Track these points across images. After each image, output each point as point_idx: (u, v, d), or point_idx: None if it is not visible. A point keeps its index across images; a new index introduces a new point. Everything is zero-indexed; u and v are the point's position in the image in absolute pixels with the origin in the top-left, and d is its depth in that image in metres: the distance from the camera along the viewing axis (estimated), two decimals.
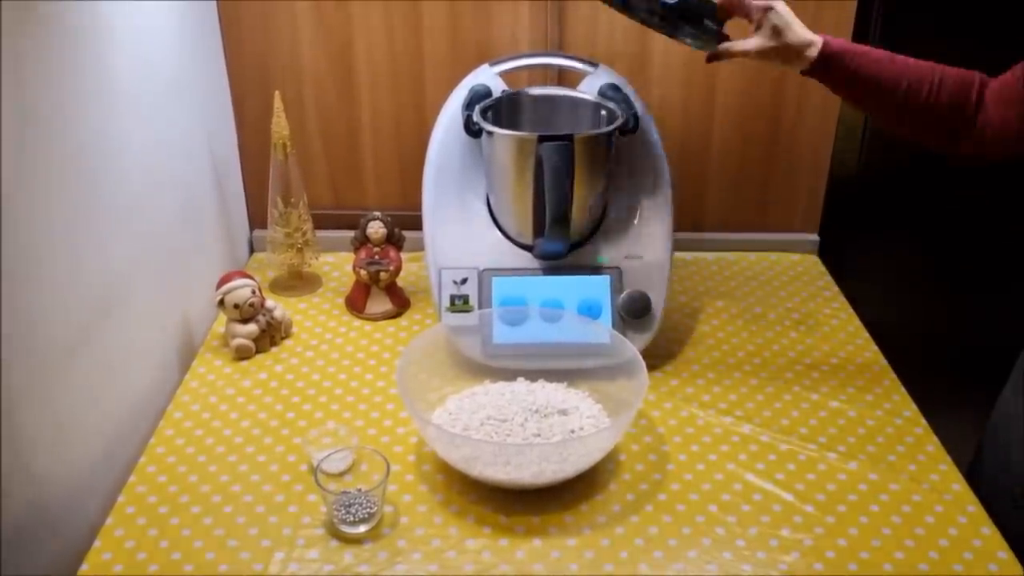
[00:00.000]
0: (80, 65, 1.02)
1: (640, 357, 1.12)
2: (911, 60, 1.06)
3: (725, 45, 1.13)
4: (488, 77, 1.32)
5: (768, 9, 1.09)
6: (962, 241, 1.83)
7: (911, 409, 1.22)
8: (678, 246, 1.36)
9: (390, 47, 1.49)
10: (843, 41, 1.08)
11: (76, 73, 1.01)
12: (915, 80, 1.05)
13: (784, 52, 1.09)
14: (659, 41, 1.49)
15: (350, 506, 1.00)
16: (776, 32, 1.08)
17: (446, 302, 1.25)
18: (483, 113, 1.24)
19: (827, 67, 1.08)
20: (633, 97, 1.29)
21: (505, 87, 1.32)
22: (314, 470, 1.03)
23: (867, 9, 1.50)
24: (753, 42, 1.10)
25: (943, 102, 1.04)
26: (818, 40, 1.08)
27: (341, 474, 1.07)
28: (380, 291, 1.41)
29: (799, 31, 1.08)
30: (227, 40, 1.48)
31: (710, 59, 1.14)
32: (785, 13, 1.09)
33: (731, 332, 1.39)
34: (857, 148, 1.72)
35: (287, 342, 1.35)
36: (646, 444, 1.15)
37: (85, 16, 1.03)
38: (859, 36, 1.50)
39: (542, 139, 1.14)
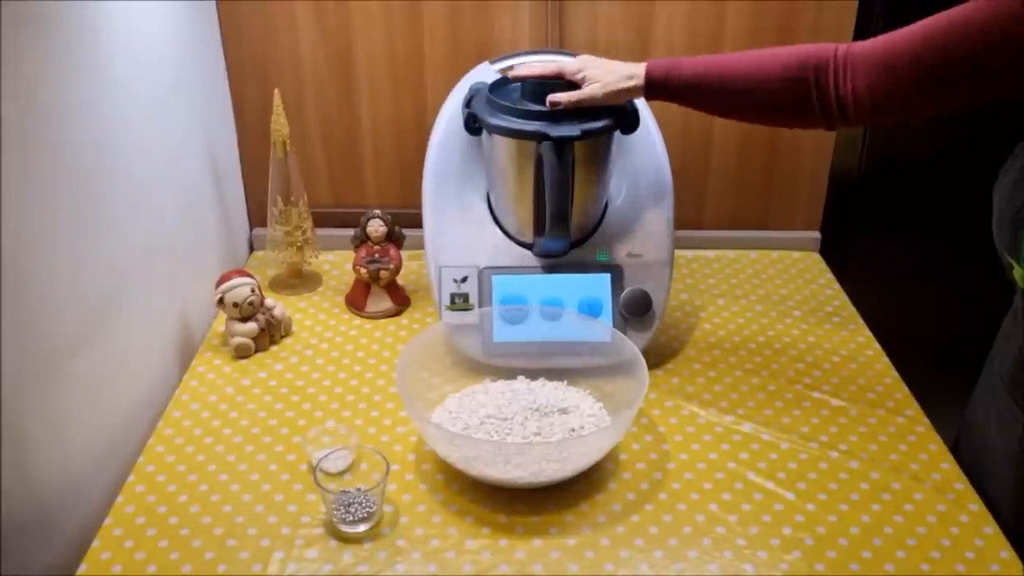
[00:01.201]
0: (80, 64, 1.02)
1: (641, 355, 1.11)
2: (744, 58, 1.06)
3: (554, 97, 1.16)
4: (488, 75, 1.31)
5: (583, 80, 1.14)
6: (965, 238, 1.82)
7: (913, 407, 1.21)
8: (679, 244, 1.36)
9: (390, 45, 1.49)
10: (668, 63, 1.09)
11: (76, 72, 1.01)
12: (751, 79, 1.04)
13: (614, 97, 1.13)
14: (660, 38, 1.49)
15: (350, 505, 1.00)
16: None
17: (446, 300, 1.25)
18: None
19: (659, 93, 1.10)
20: None
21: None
22: (313, 469, 1.03)
23: (868, 9, 1.50)
24: (584, 92, 1.15)
25: (786, 90, 1.03)
26: (640, 73, 1.10)
27: (341, 473, 1.06)
28: (380, 289, 1.41)
29: (617, 75, 1.12)
30: (226, 38, 1.48)
31: (551, 105, 1.16)
32: (594, 76, 1.13)
33: (732, 330, 1.39)
34: (859, 145, 1.71)
35: (287, 341, 1.35)
36: (647, 443, 1.14)
37: (85, 16, 1.02)
38: (860, 37, 1.49)
39: (542, 138, 1.14)
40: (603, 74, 1.13)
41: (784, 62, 1.03)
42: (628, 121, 1.21)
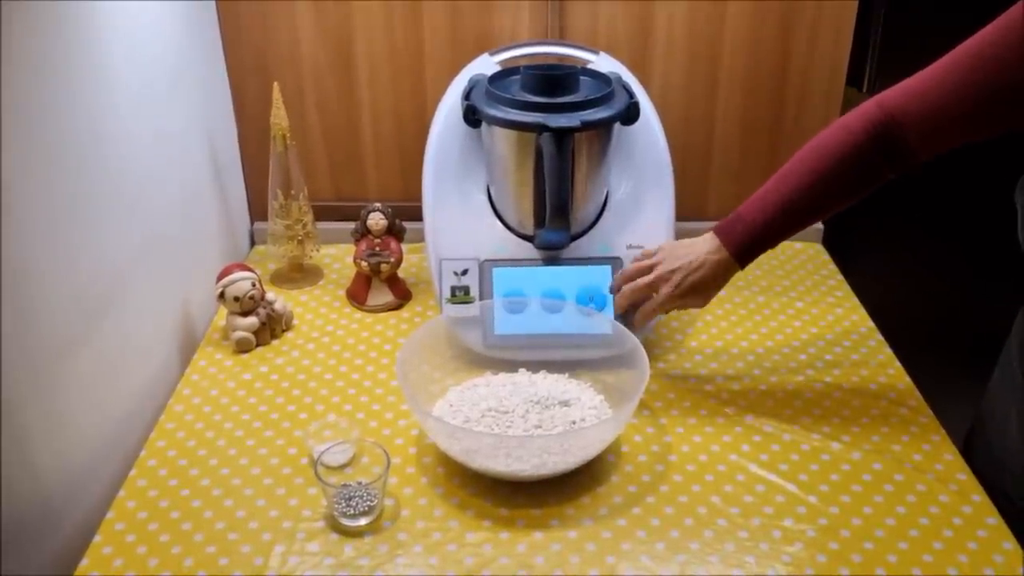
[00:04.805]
0: (79, 59, 1.01)
1: (642, 347, 1.11)
2: (804, 176, 1.06)
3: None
4: (488, 66, 1.31)
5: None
6: (969, 230, 1.81)
7: (916, 398, 1.21)
8: (680, 234, 1.34)
9: (390, 37, 1.48)
10: (740, 230, 1.10)
11: (75, 67, 1.00)
12: (817, 187, 1.05)
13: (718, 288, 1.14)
14: (661, 30, 1.48)
15: (350, 499, 1.00)
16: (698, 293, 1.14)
17: (447, 293, 1.25)
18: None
19: (754, 253, 1.12)
20: (634, 85, 1.28)
21: None
22: (314, 463, 1.03)
23: (868, 9, 1.49)
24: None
25: (854, 177, 1.05)
26: (725, 256, 1.11)
27: (342, 467, 1.06)
28: (381, 283, 1.41)
29: (714, 286, 1.13)
30: (226, 32, 1.47)
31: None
32: (689, 291, 1.13)
33: (734, 322, 1.38)
34: None
35: (288, 335, 1.35)
36: (648, 435, 1.14)
37: (84, 13, 1.02)
38: (860, 36, 1.48)
39: (542, 129, 1.13)
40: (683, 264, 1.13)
41: (843, 159, 1.03)
42: (628, 112, 1.21)
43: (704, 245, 1.13)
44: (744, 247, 1.10)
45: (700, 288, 1.13)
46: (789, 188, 1.07)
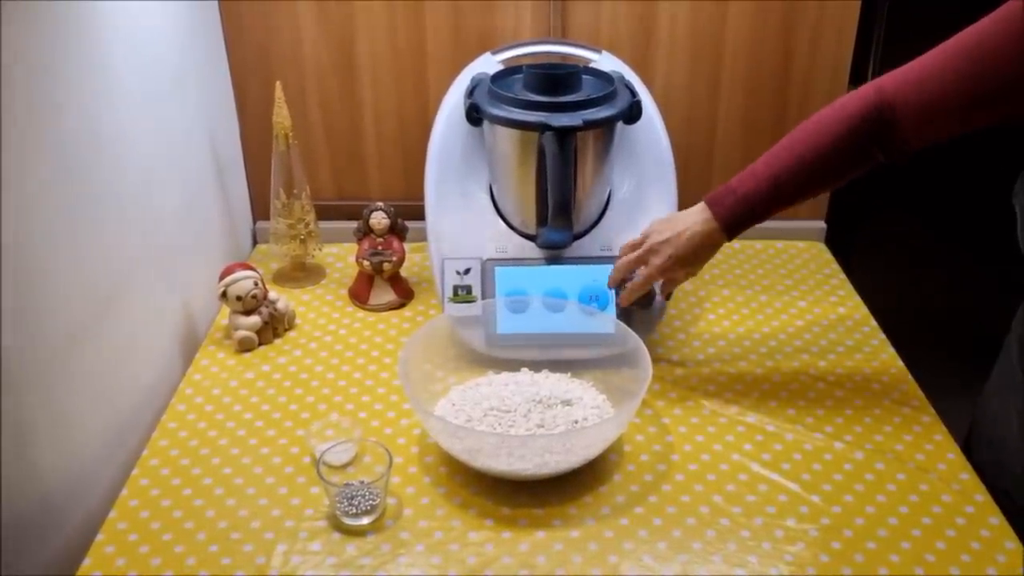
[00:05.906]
0: (81, 58, 1.01)
1: (644, 347, 1.11)
2: (798, 152, 1.06)
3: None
4: (490, 65, 1.31)
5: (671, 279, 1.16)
6: (970, 229, 1.81)
7: (919, 398, 1.20)
8: None
9: (392, 36, 1.48)
10: (731, 202, 1.10)
11: (77, 66, 1.00)
12: (809, 165, 1.05)
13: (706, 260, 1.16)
14: (663, 30, 1.48)
15: (353, 498, 1.00)
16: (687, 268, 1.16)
17: (449, 292, 1.25)
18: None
19: (743, 225, 1.11)
20: (637, 84, 1.28)
21: None
22: (317, 462, 1.03)
23: (871, 9, 1.49)
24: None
25: (851, 162, 1.05)
26: (713, 227, 1.11)
27: (344, 466, 1.06)
28: (383, 282, 1.41)
29: (702, 255, 1.14)
30: (228, 30, 1.47)
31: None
32: (678, 263, 1.13)
33: (736, 321, 1.38)
34: None
35: (290, 334, 1.35)
36: (650, 434, 1.14)
37: (84, 10, 1.02)
38: (863, 35, 1.48)
39: (544, 128, 1.13)
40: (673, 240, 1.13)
41: (836, 140, 1.03)
42: (631, 111, 1.21)
43: (693, 215, 1.13)
44: (734, 219, 1.10)
45: (690, 259, 1.14)
46: (781, 165, 1.07)
